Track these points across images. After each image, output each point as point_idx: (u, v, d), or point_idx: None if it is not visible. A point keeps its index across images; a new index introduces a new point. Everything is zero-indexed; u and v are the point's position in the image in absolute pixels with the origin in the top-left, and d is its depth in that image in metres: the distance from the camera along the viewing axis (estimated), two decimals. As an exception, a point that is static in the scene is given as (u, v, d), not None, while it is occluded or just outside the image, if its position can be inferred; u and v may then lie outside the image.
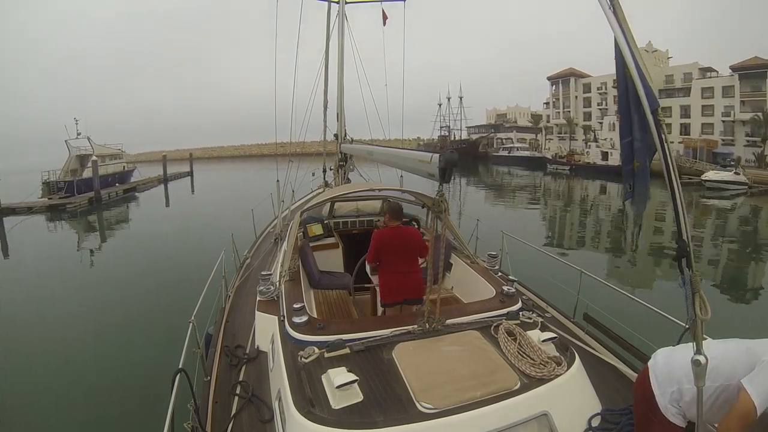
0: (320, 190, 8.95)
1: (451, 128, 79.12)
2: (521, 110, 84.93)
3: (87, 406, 5.10)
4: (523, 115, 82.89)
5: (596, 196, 29.63)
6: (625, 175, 1.92)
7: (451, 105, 79.27)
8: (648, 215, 18.19)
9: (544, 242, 14.12)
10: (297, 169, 8.62)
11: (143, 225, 19.98)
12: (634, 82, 1.66)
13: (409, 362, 2.47)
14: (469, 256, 4.43)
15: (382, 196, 6.49)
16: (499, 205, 25.77)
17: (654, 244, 15.13)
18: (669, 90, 49.39)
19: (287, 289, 3.48)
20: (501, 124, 79.42)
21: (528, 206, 24.53)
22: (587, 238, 16.91)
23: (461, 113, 78.38)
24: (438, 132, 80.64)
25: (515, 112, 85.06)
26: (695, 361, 1.59)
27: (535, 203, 26.21)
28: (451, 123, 79.14)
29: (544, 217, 21.62)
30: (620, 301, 3.97)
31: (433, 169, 2.52)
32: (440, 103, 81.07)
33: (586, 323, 3.99)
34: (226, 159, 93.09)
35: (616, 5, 1.70)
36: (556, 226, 19.49)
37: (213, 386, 3.10)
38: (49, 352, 6.53)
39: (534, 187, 35.30)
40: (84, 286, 10.28)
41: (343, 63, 8.40)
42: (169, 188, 36.12)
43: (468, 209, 18.22)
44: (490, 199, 28.29)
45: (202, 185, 39.53)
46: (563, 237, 16.97)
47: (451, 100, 78.96)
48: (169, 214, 24.33)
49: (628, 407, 2.51)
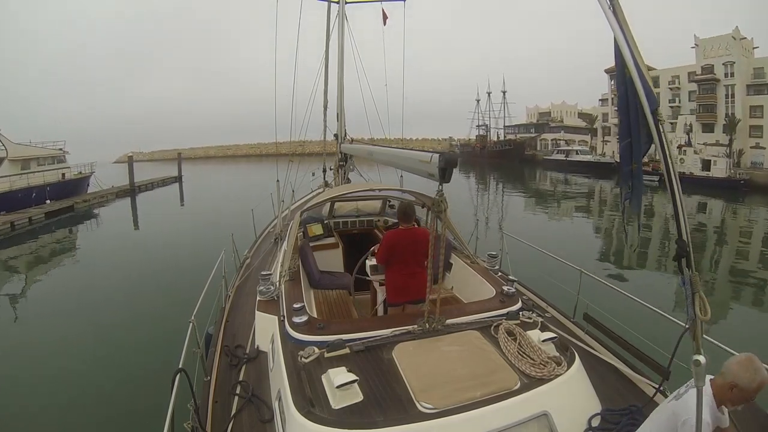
0: (320, 190, 8.95)
1: (490, 127, 70.83)
2: (567, 108, 74.62)
3: (87, 406, 5.10)
4: (570, 114, 73.36)
5: (708, 218, 20.19)
6: (624, 176, 1.95)
7: (492, 101, 70.83)
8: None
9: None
10: (297, 169, 8.62)
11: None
12: (633, 82, 1.67)
13: (409, 362, 2.47)
14: (469, 256, 4.43)
15: (382, 196, 6.51)
16: (562, 221, 19.54)
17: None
18: (758, 85, 39.50)
19: (287, 289, 3.48)
20: (546, 123, 70.41)
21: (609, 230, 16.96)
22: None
23: (504, 110, 68.98)
24: (475, 131, 72.92)
25: (561, 110, 74.78)
26: (695, 361, 1.59)
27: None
28: (492, 121, 70.51)
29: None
30: (620, 301, 3.97)
31: (433, 169, 2.52)
32: (478, 99, 72.34)
33: (586, 323, 3.99)
34: (226, 159, 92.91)
35: (616, 5, 1.71)
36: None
37: (213, 386, 3.10)
38: (49, 353, 6.52)
39: (605, 201, 26.88)
40: (84, 286, 10.28)
41: (343, 63, 8.41)
42: (154, 196, 29.60)
43: (518, 229, 12.46)
44: (551, 215, 21.26)
45: (195, 191, 33.79)
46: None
47: (491, 96, 70.68)
48: (120, 253, 13.44)
49: (628, 407, 2.52)
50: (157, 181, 36.23)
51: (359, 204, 6.72)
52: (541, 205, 24.92)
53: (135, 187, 29.98)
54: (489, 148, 65.01)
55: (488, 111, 70.70)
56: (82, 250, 14.55)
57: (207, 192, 32.89)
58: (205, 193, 32.13)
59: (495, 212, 21.86)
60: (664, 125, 1.68)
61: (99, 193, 26.89)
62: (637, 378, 3.07)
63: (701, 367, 1.58)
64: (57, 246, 15.55)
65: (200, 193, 32.51)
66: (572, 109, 74.18)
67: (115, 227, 18.58)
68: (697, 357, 1.59)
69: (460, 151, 72.76)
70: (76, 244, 15.93)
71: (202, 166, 68.62)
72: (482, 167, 53.62)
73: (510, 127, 70.50)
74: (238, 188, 31.80)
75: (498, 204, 25.55)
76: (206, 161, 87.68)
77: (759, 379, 1.73)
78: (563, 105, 75.69)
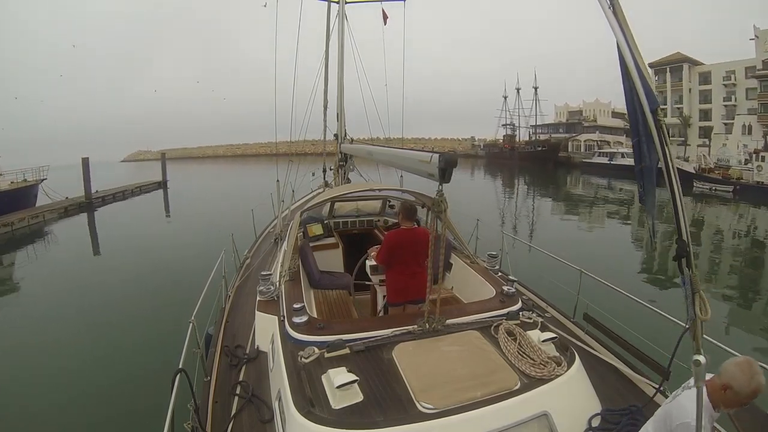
0: (320, 190, 8.96)
1: (520, 125, 64.35)
2: (601, 107, 65.95)
3: (87, 407, 5.10)
4: (604, 113, 65.22)
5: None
6: (637, 176, 1.91)
7: (521, 98, 64.07)
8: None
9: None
10: (297, 169, 8.62)
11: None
12: (633, 82, 1.67)
13: (409, 362, 2.47)
14: (469, 256, 4.43)
15: (382, 196, 6.51)
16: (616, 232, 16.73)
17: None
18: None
19: (287, 289, 3.48)
20: (578, 123, 63.07)
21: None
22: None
23: (535, 107, 61.42)
24: (502, 130, 66.47)
25: (594, 109, 66.01)
26: (695, 361, 1.59)
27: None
28: (522, 120, 63.86)
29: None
30: (620, 301, 3.97)
31: (432, 170, 2.52)
32: (506, 96, 65.90)
33: (586, 323, 3.99)
34: (225, 158, 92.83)
35: (616, 5, 1.71)
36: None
37: (213, 386, 3.10)
38: (49, 353, 6.52)
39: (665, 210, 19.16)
40: (84, 286, 10.27)
41: (343, 63, 8.41)
42: (129, 208, 23.87)
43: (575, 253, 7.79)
44: (607, 226, 18.22)
45: (186, 197, 27.94)
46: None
47: (520, 93, 64.00)
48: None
49: (629, 407, 2.52)
50: (132, 188, 28.70)
51: (359, 204, 6.73)
52: (592, 216, 20.78)
53: (92, 200, 22.53)
54: (519, 150, 59.03)
55: (517, 109, 64.06)
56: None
57: (201, 201, 25.63)
58: (197, 203, 24.69)
59: (540, 225, 17.97)
60: (664, 125, 1.68)
61: (42, 209, 19.34)
62: (637, 378, 3.07)
63: (701, 367, 1.58)
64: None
65: (193, 201, 25.97)
66: (606, 107, 66.02)
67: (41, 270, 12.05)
68: (697, 357, 1.59)
69: (485, 152, 69.30)
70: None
71: (210, 166, 66.34)
72: (511, 170, 48.81)
73: (538, 126, 63.26)
74: (241, 192, 25.78)
75: (535, 213, 21.34)
76: (215, 161, 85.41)
77: (754, 383, 1.69)
78: (596, 103, 66.89)
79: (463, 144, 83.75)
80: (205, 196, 28.51)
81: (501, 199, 27.47)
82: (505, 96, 66.10)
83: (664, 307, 3.46)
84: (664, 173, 1.66)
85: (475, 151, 76.13)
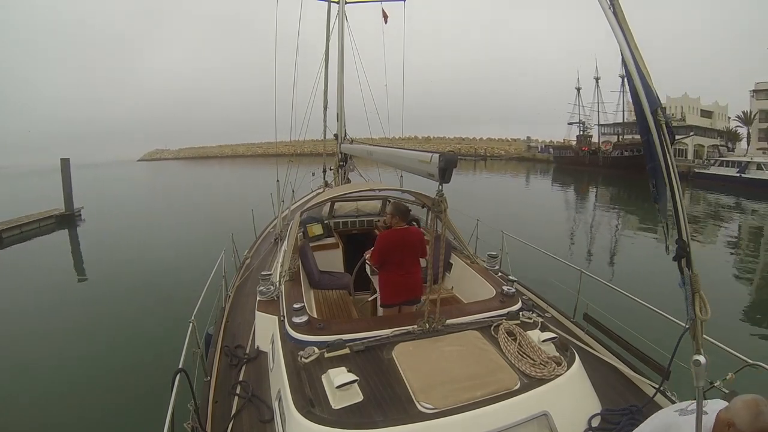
0: (320, 190, 8.96)
1: (590, 124, 54.83)
2: (690, 103, 52.64)
3: (87, 407, 5.10)
4: (693, 110, 52.49)
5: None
6: (649, 174, 1.88)
7: (601, 89, 53.45)
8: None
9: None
10: (297, 169, 8.62)
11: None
12: (634, 82, 1.67)
13: (409, 362, 2.47)
14: (469, 256, 4.43)
15: (382, 196, 6.51)
16: None
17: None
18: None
19: (287, 289, 3.48)
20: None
21: None
22: None
23: (621, 100, 50.98)
24: (575, 131, 56.24)
25: (681, 105, 52.26)
26: (695, 361, 1.59)
27: None
28: (600, 117, 53.55)
29: None
30: (620, 301, 3.96)
31: (432, 169, 2.52)
32: (579, 87, 55.04)
33: (586, 323, 3.99)
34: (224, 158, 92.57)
35: (616, 5, 1.71)
36: None
37: (213, 386, 3.10)
38: (49, 353, 6.52)
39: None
40: (83, 286, 10.27)
41: (343, 63, 8.41)
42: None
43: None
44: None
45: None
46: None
47: (597, 84, 53.78)
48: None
49: (628, 407, 2.52)
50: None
51: (359, 204, 6.73)
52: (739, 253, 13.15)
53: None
54: (604, 154, 47.28)
55: (596, 103, 52.44)
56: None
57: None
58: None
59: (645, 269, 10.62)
60: (664, 125, 1.68)
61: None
62: (637, 378, 3.07)
63: (701, 367, 1.58)
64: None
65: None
66: (696, 104, 53.38)
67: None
68: (697, 357, 1.59)
69: (555, 156, 59.53)
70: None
71: (229, 167, 62.23)
72: (590, 179, 40.26)
73: (605, 125, 53.70)
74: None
75: (634, 247, 13.50)
76: (233, 160, 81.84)
77: (759, 424, 1.53)
78: (685, 98, 52.94)
79: (513, 145, 75.68)
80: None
81: (576, 219, 19.86)
82: (578, 88, 55.17)
83: (663, 306, 3.46)
84: (664, 173, 1.67)
85: (532, 153, 67.98)
